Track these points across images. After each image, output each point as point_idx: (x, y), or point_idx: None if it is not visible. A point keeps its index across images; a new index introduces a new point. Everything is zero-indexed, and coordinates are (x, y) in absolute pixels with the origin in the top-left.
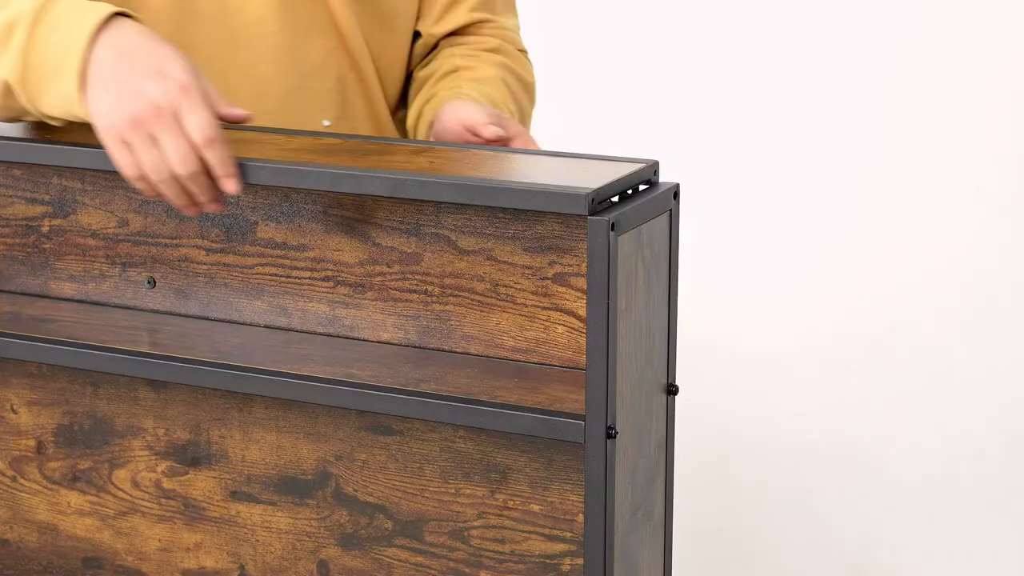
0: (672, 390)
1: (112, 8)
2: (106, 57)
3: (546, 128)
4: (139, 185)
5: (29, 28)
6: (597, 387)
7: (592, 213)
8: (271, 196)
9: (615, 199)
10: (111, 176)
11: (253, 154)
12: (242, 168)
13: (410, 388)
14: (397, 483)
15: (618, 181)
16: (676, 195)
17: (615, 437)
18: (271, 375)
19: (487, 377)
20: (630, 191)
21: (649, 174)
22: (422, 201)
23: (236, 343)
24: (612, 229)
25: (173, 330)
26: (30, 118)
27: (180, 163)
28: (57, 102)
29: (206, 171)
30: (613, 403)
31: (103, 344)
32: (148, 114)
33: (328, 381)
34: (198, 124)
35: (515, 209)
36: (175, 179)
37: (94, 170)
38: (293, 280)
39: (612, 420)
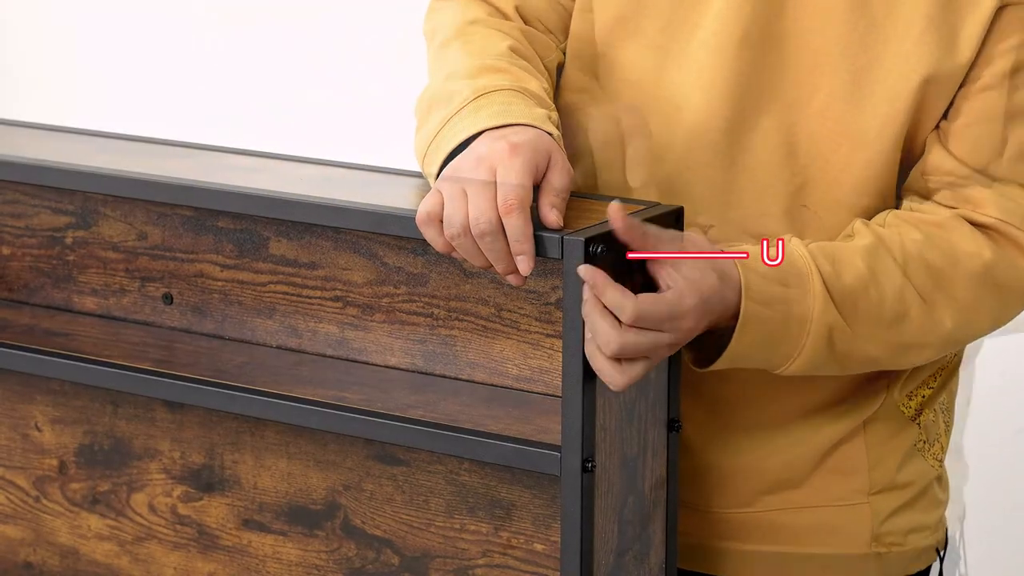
0: (674, 426)
1: (531, 121)
2: (483, 143)
3: None
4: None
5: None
6: (572, 416)
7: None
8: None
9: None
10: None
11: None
12: (231, 196)
13: (398, 414)
14: (404, 516)
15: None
16: (679, 219)
17: (592, 471)
18: (279, 399)
19: (481, 405)
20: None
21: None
22: None
23: (247, 365)
24: (589, 248)
25: (188, 349)
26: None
27: (474, 220)
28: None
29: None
30: (591, 435)
31: (119, 362)
32: (468, 164)
33: (326, 406)
34: (506, 185)
35: None
36: (467, 235)
37: (115, 180)
38: (304, 300)
39: (589, 452)
